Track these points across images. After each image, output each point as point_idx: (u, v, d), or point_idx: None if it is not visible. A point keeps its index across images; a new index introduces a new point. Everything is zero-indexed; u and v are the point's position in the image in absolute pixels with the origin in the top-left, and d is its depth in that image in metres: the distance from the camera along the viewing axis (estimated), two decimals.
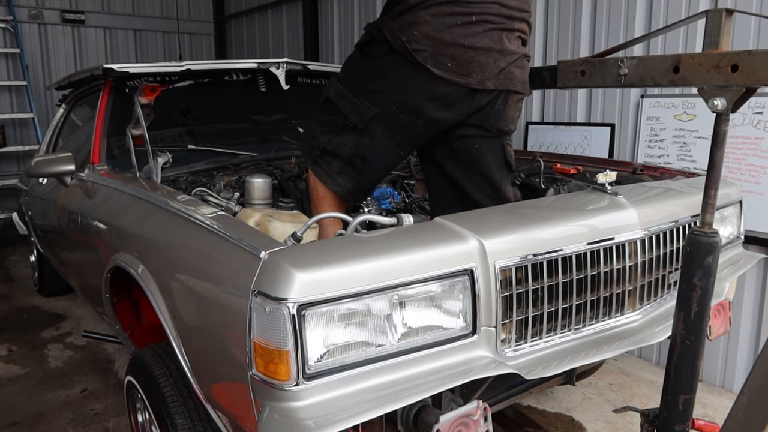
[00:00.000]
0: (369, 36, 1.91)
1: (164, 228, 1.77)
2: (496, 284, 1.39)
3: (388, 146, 1.91)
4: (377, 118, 1.85)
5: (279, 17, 6.69)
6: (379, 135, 1.87)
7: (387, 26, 1.83)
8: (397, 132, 1.87)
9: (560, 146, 3.59)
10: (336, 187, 1.93)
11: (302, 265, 1.19)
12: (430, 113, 1.84)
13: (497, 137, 1.97)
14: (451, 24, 1.76)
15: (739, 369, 2.93)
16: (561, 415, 2.71)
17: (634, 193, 1.85)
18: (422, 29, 1.76)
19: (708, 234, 1.31)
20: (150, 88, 2.40)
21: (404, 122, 1.85)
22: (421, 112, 1.83)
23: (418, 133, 1.89)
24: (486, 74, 1.81)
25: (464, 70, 1.78)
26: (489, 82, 1.82)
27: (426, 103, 1.82)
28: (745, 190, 2.70)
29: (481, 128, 1.92)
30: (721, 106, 1.26)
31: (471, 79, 1.79)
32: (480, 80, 1.80)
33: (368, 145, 1.88)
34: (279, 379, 1.19)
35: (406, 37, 1.77)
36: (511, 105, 1.93)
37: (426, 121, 1.86)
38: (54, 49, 6.81)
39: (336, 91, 1.93)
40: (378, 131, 1.87)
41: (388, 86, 1.84)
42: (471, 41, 1.77)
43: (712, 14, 1.28)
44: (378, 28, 1.87)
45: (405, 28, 1.78)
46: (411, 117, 1.84)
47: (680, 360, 1.39)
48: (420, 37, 1.76)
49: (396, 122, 1.85)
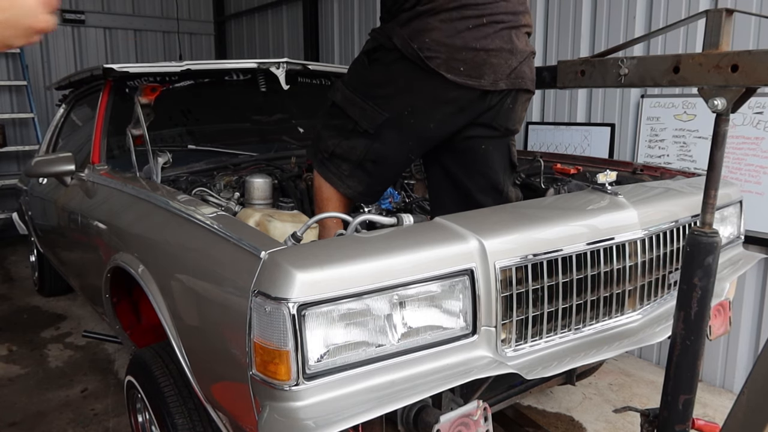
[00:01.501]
0: (376, 42, 1.90)
1: (164, 228, 1.77)
2: (497, 284, 1.39)
3: (399, 150, 1.92)
4: (388, 123, 1.85)
5: (279, 17, 6.69)
6: (390, 139, 1.88)
7: (396, 34, 1.82)
8: (409, 136, 1.88)
9: (560, 146, 3.59)
10: (347, 189, 1.93)
11: (302, 265, 1.19)
12: (443, 117, 1.85)
13: (504, 137, 1.98)
14: (462, 29, 1.76)
15: (739, 369, 2.93)
16: (561, 415, 2.71)
17: (634, 193, 1.85)
18: (433, 36, 1.76)
19: (708, 234, 1.31)
20: (150, 88, 2.40)
21: (416, 126, 1.86)
22: (434, 117, 1.84)
23: (429, 137, 1.90)
24: (498, 75, 1.81)
25: (477, 73, 1.78)
26: (501, 82, 1.83)
27: (439, 107, 1.83)
28: (745, 190, 2.70)
29: (490, 128, 1.93)
30: (721, 106, 1.26)
31: (484, 81, 1.80)
32: (493, 81, 1.81)
33: (379, 149, 1.89)
34: (279, 379, 1.19)
35: (417, 44, 1.77)
36: (519, 104, 1.94)
37: (438, 125, 1.86)
38: (54, 49, 6.81)
39: (343, 95, 1.93)
40: (389, 136, 1.87)
41: (400, 92, 1.84)
42: (483, 44, 1.78)
43: (712, 14, 1.28)
44: (387, 36, 1.85)
45: (415, 36, 1.78)
46: (423, 121, 1.85)
47: (680, 360, 1.39)
48: (432, 44, 1.76)
49: (408, 126, 1.86)
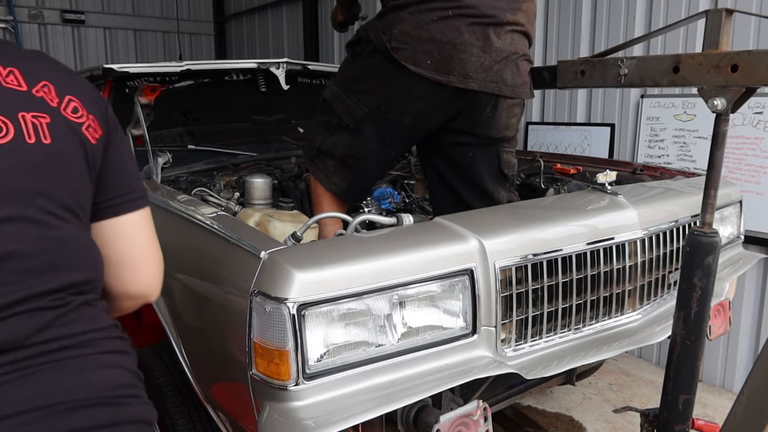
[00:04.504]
0: (357, 36, 1.92)
1: (164, 228, 1.76)
2: (496, 284, 1.39)
3: (379, 146, 1.91)
4: (366, 118, 1.86)
5: (279, 17, 6.69)
6: (369, 135, 1.88)
7: (371, 27, 1.84)
8: (386, 132, 1.88)
9: (560, 146, 3.59)
10: (331, 186, 1.94)
11: (302, 265, 1.19)
12: (417, 113, 1.84)
13: (490, 145, 1.94)
14: (428, 20, 1.74)
15: (739, 369, 2.93)
16: (561, 415, 2.71)
17: (634, 193, 1.85)
18: (401, 27, 1.76)
19: (708, 234, 1.31)
20: (150, 88, 2.40)
21: (392, 122, 1.85)
22: (407, 112, 1.84)
23: (406, 133, 1.89)
24: (468, 71, 1.76)
25: (445, 68, 1.75)
26: (472, 81, 1.77)
27: (411, 102, 1.82)
28: (745, 190, 2.70)
29: (473, 135, 1.90)
30: (721, 106, 1.26)
31: (453, 77, 1.76)
32: (462, 78, 1.76)
33: (359, 144, 1.89)
34: (279, 379, 1.19)
35: (387, 36, 1.77)
36: (502, 111, 1.88)
37: (413, 121, 1.85)
38: (54, 49, 6.82)
39: (331, 92, 1.95)
40: (368, 131, 1.87)
41: (375, 86, 1.85)
42: (449, 37, 1.74)
43: (712, 14, 1.28)
44: (365, 29, 1.88)
45: (386, 28, 1.79)
46: (398, 116, 1.84)
47: (680, 360, 1.39)
48: (399, 35, 1.76)
49: (384, 122, 1.85)
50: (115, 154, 0.99)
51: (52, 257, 0.85)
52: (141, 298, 1.08)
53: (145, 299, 1.09)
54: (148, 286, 1.07)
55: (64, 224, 0.88)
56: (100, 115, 0.97)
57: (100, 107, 0.98)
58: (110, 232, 1.00)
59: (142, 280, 1.05)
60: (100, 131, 0.96)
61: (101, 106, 0.99)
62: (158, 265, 1.08)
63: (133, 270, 1.03)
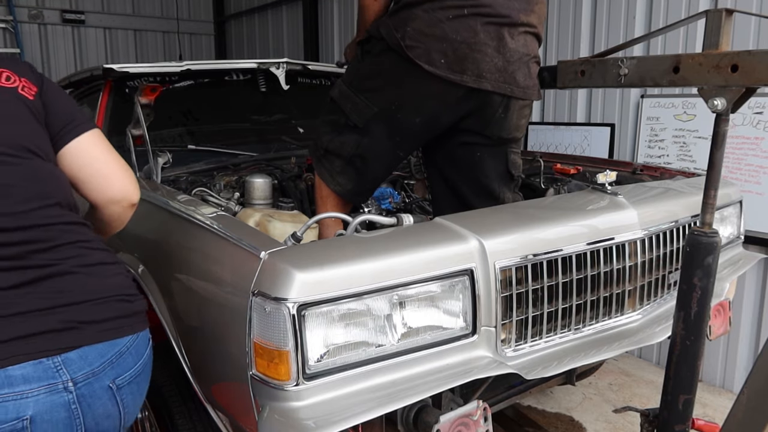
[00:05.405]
0: (368, 34, 1.90)
1: (164, 228, 1.77)
2: (496, 284, 1.39)
3: (388, 146, 1.89)
4: (376, 117, 1.84)
5: (279, 17, 6.69)
6: (378, 134, 1.86)
7: (383, 24, 1.82)
8: (396, 131, 1.86)
9: (560, 146, 3.59)
10: (337, 186, 1.92)
11: (302, 265, 1.19)
12: (428, 112, 1.82)
13: (500, 146, 1.94)
14: (442, 18, 1.72)
15: (739, 369, 2.93)
16: (561, 415, 2.71)
17: (634, 193, 1.85)
18: (415, 25, 1.74)
19: (708, 234, 1.31)
20: (150, 88, 2.39)
21: (402, 121, 1.84)
22: (417, 111, 1.82)
23: (416, 132, 1.88)
24: (482, 71, 1.75)
25: (458, 67, 1.74)
26: (486, 82, 1.77)
27: (424, 101, 1.80)
28: (745, 190, 2.70)
29: (483, 136, 1.89)
30: (721, 106, 1.26)
31: (466, 76, 1.75)
32: (476, 78, 1.75)
33: (368, 144, 1.87)
34: (279, 379, 1.19)
35: (400, 34, 1.75)
36: (514, 112, 1.88)
37: (423, 121, 1.84)
38: (54, 49, 6.82)
39: (340, 91, 1.93)
40: (377, 130, 1.86)
41: (386, 84, 1.83)
42: (464, 36, 1.72)
43: (712, 14, 1.28)
44: (376, 27, 1.85)
45: (400, 25, 1.77)
46: (408, 116, 1.83)
47: (680, 360, 1.39)
48: (413, 33, 1.74)
49: (394, 121, 1.84)
50: (49, 99, 1.24)
51: (31, 183, 1.12)
52: (123, 200, 1.31)
53: (128, 200, 1.32)
54: (122, 189, 1.30)
55: (24, 160, 1.13)
56: (31, 75, 1.24)
57: (29, 70, 1.25)
58: (70, 157, 1.25)
59: (116, 184, 1.29)
60: (34, 88, 1.22)
61: (29, 69, 1.26)
62: (123, 170, 1.31)
63: (103, 179, 1.28)
